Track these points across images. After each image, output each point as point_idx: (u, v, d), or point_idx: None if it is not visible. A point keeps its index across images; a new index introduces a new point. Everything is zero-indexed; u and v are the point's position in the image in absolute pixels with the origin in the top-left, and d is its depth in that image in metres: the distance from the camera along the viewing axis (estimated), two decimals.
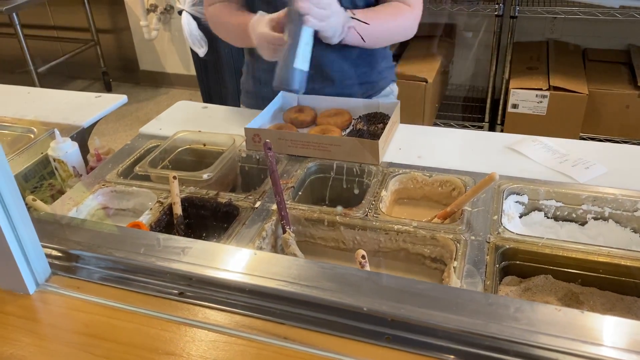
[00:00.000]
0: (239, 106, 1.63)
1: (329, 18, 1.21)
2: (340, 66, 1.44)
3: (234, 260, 0.78)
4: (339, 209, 1.10)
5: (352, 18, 1.28)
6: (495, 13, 2.75)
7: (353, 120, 1.38)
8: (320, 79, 1.43)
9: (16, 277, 0.75)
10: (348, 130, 1.35)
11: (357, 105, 1.41)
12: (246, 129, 1.30)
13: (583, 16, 2.64)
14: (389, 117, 1.33)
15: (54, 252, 0.82)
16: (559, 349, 0.59)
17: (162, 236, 0.83)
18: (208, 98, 3.18)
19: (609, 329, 0.62)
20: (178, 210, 1.11)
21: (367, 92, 1.52)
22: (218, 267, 0.76)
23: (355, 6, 1.34)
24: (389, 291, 0.69)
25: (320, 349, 0.65)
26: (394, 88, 1.61)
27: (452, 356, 0.62)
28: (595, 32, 3.03)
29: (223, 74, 3.05)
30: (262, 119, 1.37)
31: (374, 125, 1.33)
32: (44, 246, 0.79)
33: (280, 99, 1.46)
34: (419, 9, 1.40)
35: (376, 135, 1.27)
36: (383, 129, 1.27)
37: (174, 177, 1.13)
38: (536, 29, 3.13)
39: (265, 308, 0.71)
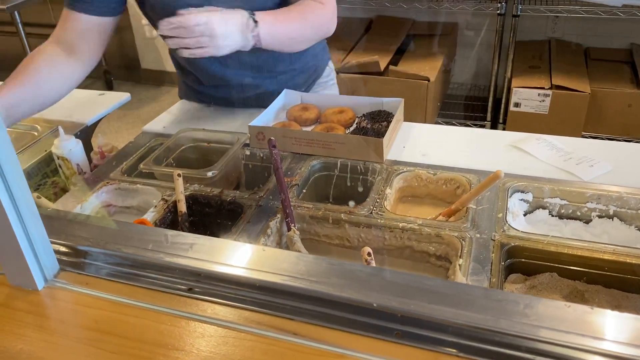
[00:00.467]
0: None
1: (213, 43, 1.13)
2: (276, 62, 1.45)
3: (242, 256, 0.78)
4: (351, 204, 1.10)
5: (254, 21, 1.19)
6: (498, 12, 2.75)
7: (357, 119, 1.38)
8: (261, 76, 1.45)
9: (25, 273, 0.75)
10: (352, 129, 1.35)
11: (361, 103, 1.41)
12: (250, 127, 1.30)
13: (585, 15, 2.64)
14: (393, 115, 1.33)
15: (62, 248, 0.83)
16: (569, 345, 0.59)
17: (170, 232, 0.83)
18: None
19: (618, 325, 0.62)
20: (182, 207, 1.12)
21: (309, 79, 1.55)
22: (227, 263, 0.76)
23: (254, 9, 1.23)
24: (398, 287, 0.69)
25: (330, 345, 0.65)
26: (331, 66, 1.64)
27: (462, 352, 0.62)
28: (598, 31, 3.03)
29: None
30: (266, 116, 1.37)
31: (377, 123, 1.33)
32: (52, 242, 0.79)
33: (284, 97, 1.46)
34: (332, 4, 1.34)
35: (380, 133, 1.27)
36: (387, 127, 1.28)
37: (179, 175, 1.13)
38: (538, 28, 3.13)
39: (274, 304, 0.71)
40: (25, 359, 0.68)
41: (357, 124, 1.36)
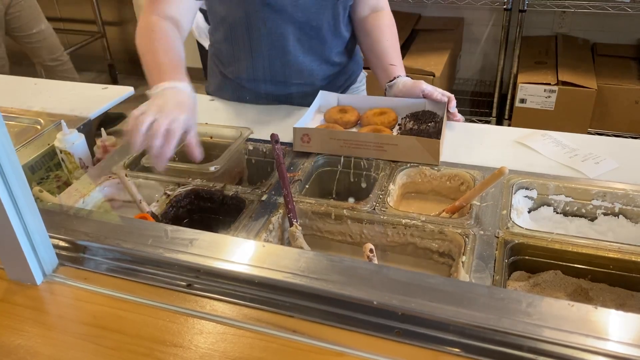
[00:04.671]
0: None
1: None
2: (325, 70, 1.47)
3: (242, 252, 0.77)
4: (351, 200, 1.09)
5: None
6: (504, 7, 2.73)
7: (399, 120, 1.34)
8: (303, 81, 1.45)
9: (24, 268, 0.75)
10: (395, 130, 1.31)
11: (400, 104, 1.36)
12: (295, 129, 1.25)
13: (593, 10, 2.62)
14: (438, 115, 1.30)
15: (62, 243, 0.82)
16: (572, 345, 0.58)
17: (170, 227, 0.83)
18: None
19: (622, 324, 0.61)
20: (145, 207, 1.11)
21: (344, 84, 1.55)
22: (226, 259, 0.75)
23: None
24: (399, 284, 0.68)
25: (330, 342, 0.65)
26: (365, 73, 1.65)
27: (463, 351, 0.61)
28: (605, 26, 3.00)
29: None
30: (306, 119, 1.32)
31: (424, 124, 1.27)
32: (51, 237, 0.79)
33: (320, 99, 1.41)
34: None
35: (430, 134, 1.23)
36: (434, 127, 1.24)
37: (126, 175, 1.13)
38: (545, 23, 3.11)
39: (274, 300, 0.70)
40: (23, 354, 0.67)
41: (401, 125, 1.31)
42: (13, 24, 3.02)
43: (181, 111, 1.01)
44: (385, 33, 1.45)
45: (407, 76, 1.41)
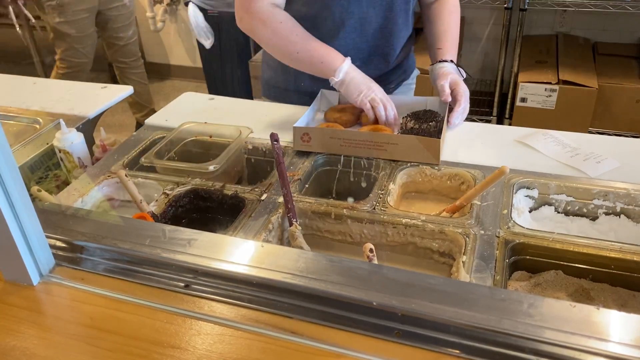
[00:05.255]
0: (244, 97, 1.61)
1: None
2: (395, 46, 1.46)
3: (240, 252, 0.77)
4: (350, 200, 1.08)
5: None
6: (505, 6, 2.73)
7: (401, 119, 1.32)
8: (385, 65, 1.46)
9: (20, 268, 0.74)
10: (397, 130, 1.30)
11: (401, 103, 1.35)
12: (295, 128, 1.24)
13: (594, 9, 2.61)
14: (439, 115, 1.29)
15: (58, 243, 0.82)
16: (574, 346, 0.58)
17: (168, 227, 0.82)
18: (214, 90, 3.17)
19: (624, 325, 0.60)
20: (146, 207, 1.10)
21: (398, 79, 1.54)
22: (224, 260, 0.74)
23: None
24: (399, 285, 0.67)
25: (329, 344, 0.64)
26: (417, 71, 1.66)
27: (463, 352, 0.61)
28: (606, 25, 2.99)
29: (229, 66, 3.04)
30: (306, 118, 1.31)
31: (425, 124, 1.26)
32: (48, 237, 0.78)
33: (320, 98, 1.41)
34: None
35: (430, 134, 1.22)
36: (435, 127, 1.24)
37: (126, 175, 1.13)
38: (546, 22, 3.10)
39: (272, 301, 0.70)
40: (19, 356, 0.67)
41: (402, 125, 1.30)
42: (110, 23, 3.13)
43: (373, 82, 1.31)
44: (444, 18, 1.48)
45: (449, 62, 1.41)
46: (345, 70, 1.27)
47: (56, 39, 3.01)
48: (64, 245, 0.81)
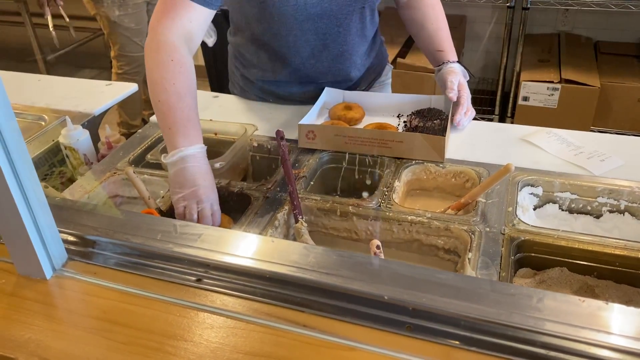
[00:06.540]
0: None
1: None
2: (356, 62, 1.42)
3: (251, 247, 0.78)
4: (365, 195, 1.09)
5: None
6: (507, 4, 2.73)
7: (406, 117, 1.33)
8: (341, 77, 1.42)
9: (33, 262, 0.75)
10: (401, 127, 1.31)
11: (406, 101, 1.36)
12: (300, 125, 1.24)
13: (596, 8, 2.62)
14: (444, 113, 1.29)
15: (71, 238, 0.82)
16: (583, 340, 0.59)
17: (179, 222, 0.83)
18: (216, 88, 3.18)
19: (634, 320, 0.61)
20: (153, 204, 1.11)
21: (369, 77, 1.52)
22: (236, 254, 0.75)
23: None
24: (410, 280, 0.68)
25: (340, 337, 0.65)
26: (390, 66, 1.62)
27: (474, 346, 0.61)
28: (608, 24, 3.00)
29: None
30: (311, 115, 1.31)
31: (430, 122, 1.27)
32: (60, 232, 0.79)
33: (325, 96, 1.40)
34: None
35: (435, 132, 1.23)
36: (440, 125, 1.24)
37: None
38: (548, 21, 3.10)
39: (284, 295, 0.70)
40: (34, 348, 0.67)
41: (406, 122, 1.31)
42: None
43: (211, 190, 1.05)
44: (429, 14, 1.43)
45: (453, 62, 1.39)
46: (182, 156, 1.04)
47: (113, 33, 2.93)
48: (76, 239, 0.82)
